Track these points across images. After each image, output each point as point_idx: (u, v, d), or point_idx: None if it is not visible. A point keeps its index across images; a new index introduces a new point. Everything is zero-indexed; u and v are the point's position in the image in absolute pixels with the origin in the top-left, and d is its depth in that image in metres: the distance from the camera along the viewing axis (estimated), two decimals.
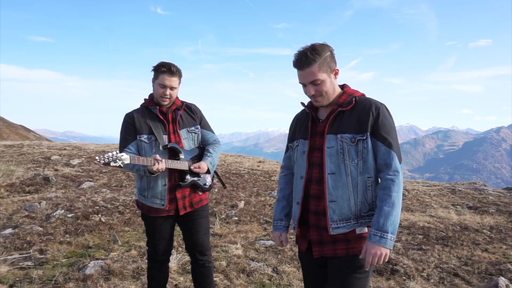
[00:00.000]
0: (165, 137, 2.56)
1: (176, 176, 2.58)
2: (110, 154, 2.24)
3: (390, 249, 1.72)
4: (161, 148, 2.52)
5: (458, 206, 7.58)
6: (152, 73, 2.55)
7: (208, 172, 2.68)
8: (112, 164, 2.24)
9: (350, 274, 1.79)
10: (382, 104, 1.83)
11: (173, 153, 2.56)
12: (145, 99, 2.66)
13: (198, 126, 2.75)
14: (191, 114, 2.73)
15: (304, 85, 1.85)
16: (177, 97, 2.67)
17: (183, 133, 2.64)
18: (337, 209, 1.80)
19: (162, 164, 2.38)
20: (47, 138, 20.17)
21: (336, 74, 1.87)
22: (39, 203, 5.92)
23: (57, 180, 7.62)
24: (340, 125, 1.83)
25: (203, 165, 2.62)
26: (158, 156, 2.38)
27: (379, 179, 1.82)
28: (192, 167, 2.57)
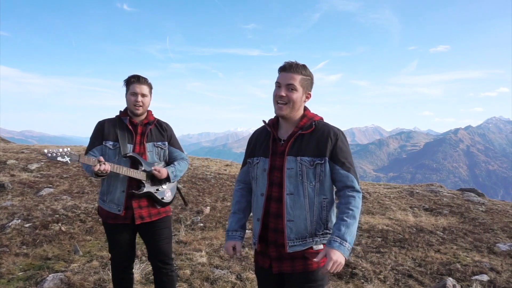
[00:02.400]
0: (130, 147, 2.69)
1: (134, 185, 2.68)
2: (60, 149, 2.38)
3: (345, 259, 1.78)
4: (122, 156, 2.64)
5: (415, 208, 7.98)
6: (124, 88, 2.72)
7: (167, 179, 2.76)
8: (59, 158, 2.37)
9: None
10: (339, 130, 1.95)
11: (134, 163, 2.68)
12: (120, 111, 2.81)
13: (166, 143, 2.86)
14: (161, 131, 2.85)
15: (279, 86, 1.93)
16: (150, 113, 2.85)
17: (148, 146, 2.75)
18: (294, 228, 1.89)
19: (105, 166, 2.46)
20: (3, 138, 19.08)
21: (307, 97, 1.99)
22: None
23: (14, 186, 7.28)
24: (300, 148, 1.91)
25: (163, 170, 2.70)
26: (102, 158, 2.48)
27: (339, 197, 1.92)
28: (152, 168, 2.67)
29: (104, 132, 2.69)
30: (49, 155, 2.35)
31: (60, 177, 8.37)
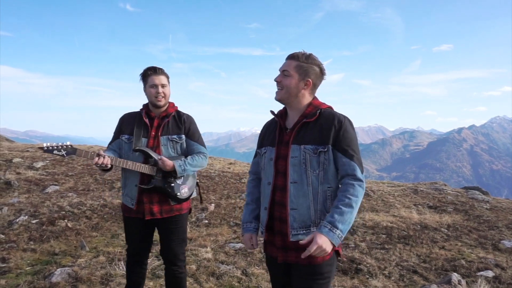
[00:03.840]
0: (145, 141, 2.65)
1: (145, 179, 2.64)
2: (59, 143, 2.42)
3: (334, 246, 1.76)
4: (132, 150, 2.64)
5: (419, 206, 7.97)
6: (141, 83, 2.68)
7: (174, 172, 2.61)
8: (55, 152, 2.41)
9: (313, 281, 1.88)
10: (345, 117, 1.91)
11: (146, 156, 2.64)
12: (143, 105, 2.79)
13: (183, 136, 2.74)
14: (178, 123, 2.75)
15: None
16: (172, 105, 2.78)
17: (163, 139, 2.68)
18: (298, 217, 1.87)
19: (104, 160, 2.43)
20: (7, 138, 19.21)
21: (306, 84, 1.93)
22: (0, 209, 5.70)
23: (20, 184, 7.35)
24: (304, 136, 1.91)
25: (167, 161, 2.58)
26: (101, 152, 2.48)
27: (340, 185, 1.89)
28: (158, 157, 2.59)
29: (122, 126, 2.71)
30: (45, 148, 2.39)
31: (66, 175, 8.43)
